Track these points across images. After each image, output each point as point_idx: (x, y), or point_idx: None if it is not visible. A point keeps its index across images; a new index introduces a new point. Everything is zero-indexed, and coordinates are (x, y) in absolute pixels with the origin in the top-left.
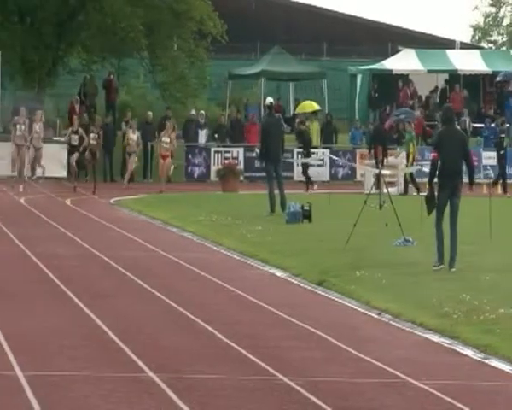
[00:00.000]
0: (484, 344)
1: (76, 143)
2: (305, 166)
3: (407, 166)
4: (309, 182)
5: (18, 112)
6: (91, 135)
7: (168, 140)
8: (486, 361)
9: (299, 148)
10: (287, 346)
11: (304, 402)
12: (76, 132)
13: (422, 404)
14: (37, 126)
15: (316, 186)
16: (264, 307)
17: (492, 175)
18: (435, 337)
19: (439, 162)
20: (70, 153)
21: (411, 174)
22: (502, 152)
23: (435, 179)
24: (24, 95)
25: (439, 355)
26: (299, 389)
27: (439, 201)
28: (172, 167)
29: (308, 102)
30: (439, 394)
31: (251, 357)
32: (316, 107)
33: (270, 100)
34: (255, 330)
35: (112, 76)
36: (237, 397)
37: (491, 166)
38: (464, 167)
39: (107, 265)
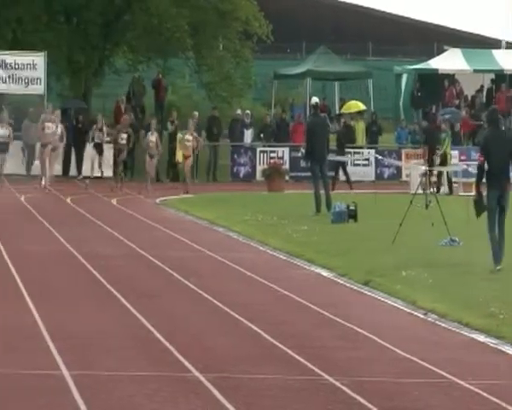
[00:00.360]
0: None
1: (124, 142)
2: (343, 165)
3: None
4: (349, 181)
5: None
6: (122, 135)
7: (191, 138)
8: None
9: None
10: (332, 346)
11: (349, 402)
12: (125, 132)
13: (468, 404)
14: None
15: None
16: (309, 307)
17: None
18: (481, 337)
19: (486, 166)
20: (116, 153)
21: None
22: None
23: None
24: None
25: (484, 355)
26: (344, 388)
27: (489, 203)
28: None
29: (354, 102)
30: (485, 394)
31: (296, 357)
32: (361, 106)
33: (315, 100)
34: (301, 330)
35: (161, 76)
36: (283, 397)
37: None
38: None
39: (153, 265)
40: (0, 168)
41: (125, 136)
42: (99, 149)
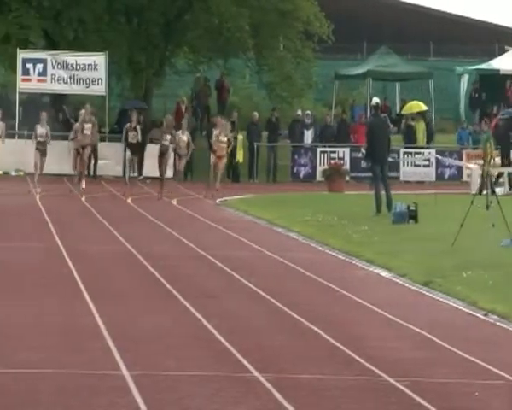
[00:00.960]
0: None
1: (167, 143)
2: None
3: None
4: None
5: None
6: (166, 136)
7: (225, 139)
8: None
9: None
10: (392, 346)
11: (409, 403)
12: (168, 133)
13: None
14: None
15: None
16: (369, 308)
17: None
18: None
19: None
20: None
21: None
22: None
23: None
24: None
25: None
26: (404, 389)
27: None
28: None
29: (415, 103)
30: None
31: (356, 357)
32: (423, 107)
33: (376, 100)
34: (360, 331)
35: (223, 77)
36: (342, 397)
37: None
38: None
39: (213, 265)
40: (40, 169)
41: (168, 137)
42: (133, 148)
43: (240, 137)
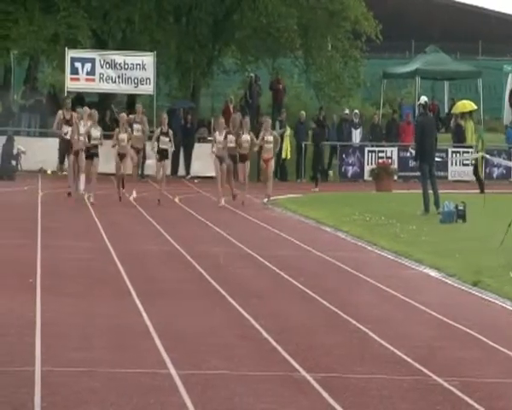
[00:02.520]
0: None
1: (233, 144)
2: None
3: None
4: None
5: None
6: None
7: (271, 139)
8: None
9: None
10: (441, 346)
11: (458, 403)
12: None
13: None
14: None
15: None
16: (417, 307)
17: None
18: None
19: None
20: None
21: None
22: None
23: None
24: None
25: None
26: (453, 389)
27: None
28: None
29: (466, 102)
30: None
31: (404, 357)
32: (473, 106)
33: (424, 99)
34: (409, 331)
35: (280, 77)
36: (391, 397)
37: None
38: None
39: (261, 264)
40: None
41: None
42: (162, 155)
43: (288, 131)
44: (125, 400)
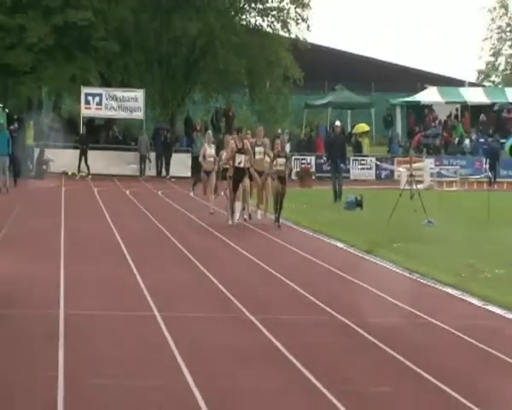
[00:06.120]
0: None
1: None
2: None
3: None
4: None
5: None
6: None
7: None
8: None
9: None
10: (342, 293)
11: (353, 333)
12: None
13: None
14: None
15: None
16: (331, 270)
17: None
18: None
19: None
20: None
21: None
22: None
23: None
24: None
25: None
26: (348, 322)
27: None
28: None
29: (363, 125)
30: None
31: (318, 302)
32: (367, 128)
33: (337, 123)
34: (313, 280)
35: (231, 107)
36: (309, 331)
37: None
38: None
39: (193, 223)
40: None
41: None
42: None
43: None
44: (128, 332)
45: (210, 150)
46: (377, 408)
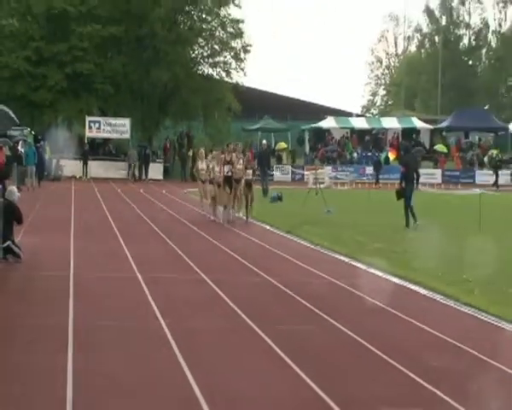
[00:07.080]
0: None
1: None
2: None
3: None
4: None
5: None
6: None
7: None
8: None
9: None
10: (265, 260)
11: (281, 292)
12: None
13: None
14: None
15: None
16: (257, 243)
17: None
18: None
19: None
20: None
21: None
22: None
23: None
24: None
25: None
26: (278, 285)
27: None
28: None
29: (283, 143)
30: None
31: (256, 269)
32: (285, 145)
33: (264, 141)
34: (252, 252)
35: (190, 131)
36: (250, 290)
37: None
38: None
39: (175, 219)
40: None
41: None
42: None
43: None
44: (118, 288)
45: (202, 165)
46: (301, 342)
